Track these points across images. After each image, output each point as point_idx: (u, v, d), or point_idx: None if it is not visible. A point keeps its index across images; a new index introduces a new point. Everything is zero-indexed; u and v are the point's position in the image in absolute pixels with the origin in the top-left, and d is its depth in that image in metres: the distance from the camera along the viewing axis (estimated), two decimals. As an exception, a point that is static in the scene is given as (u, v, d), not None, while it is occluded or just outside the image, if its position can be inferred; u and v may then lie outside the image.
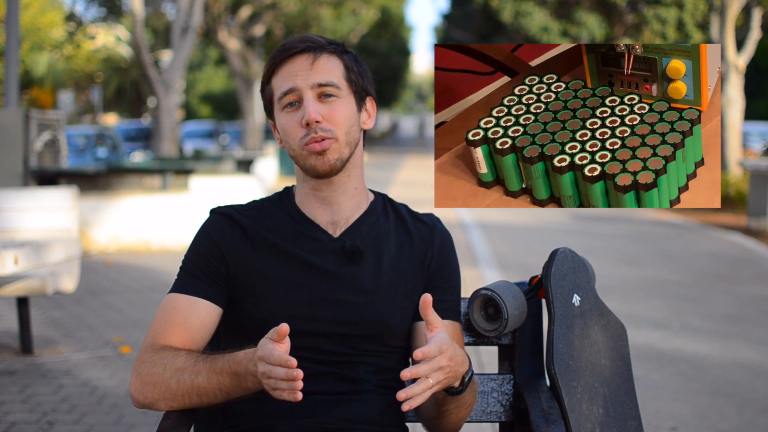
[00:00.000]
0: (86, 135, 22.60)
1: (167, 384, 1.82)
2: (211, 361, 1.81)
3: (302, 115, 1.90)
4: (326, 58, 1.94)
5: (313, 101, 1.91)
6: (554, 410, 1.95)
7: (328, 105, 1.92)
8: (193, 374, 1.80)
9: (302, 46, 1.93)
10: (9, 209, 5.60)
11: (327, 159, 1.91)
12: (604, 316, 2.05)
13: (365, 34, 37.76)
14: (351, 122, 1.95)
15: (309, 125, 1.90)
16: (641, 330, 6.36)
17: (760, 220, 12.69)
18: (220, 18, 26.03)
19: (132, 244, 10.18)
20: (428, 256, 2.01)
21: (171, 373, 1.81)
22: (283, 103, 1.93)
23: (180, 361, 1.82)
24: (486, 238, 11.48)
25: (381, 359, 1.97)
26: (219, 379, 1.78)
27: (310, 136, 1.90)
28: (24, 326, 5.44)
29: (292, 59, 1.93)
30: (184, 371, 1.81)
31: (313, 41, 1.95)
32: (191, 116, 50.28)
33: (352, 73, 1.96)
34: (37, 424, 4.23)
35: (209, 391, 1.80)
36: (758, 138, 27.41)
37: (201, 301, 1.93)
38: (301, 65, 1.92)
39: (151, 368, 1.84)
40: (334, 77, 1.93)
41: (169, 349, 1.86)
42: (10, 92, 10.17)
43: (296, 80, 1.91)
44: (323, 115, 1.90)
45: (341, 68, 1.95)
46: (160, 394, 1.83)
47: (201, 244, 1.99)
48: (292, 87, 1.91)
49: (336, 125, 1.92)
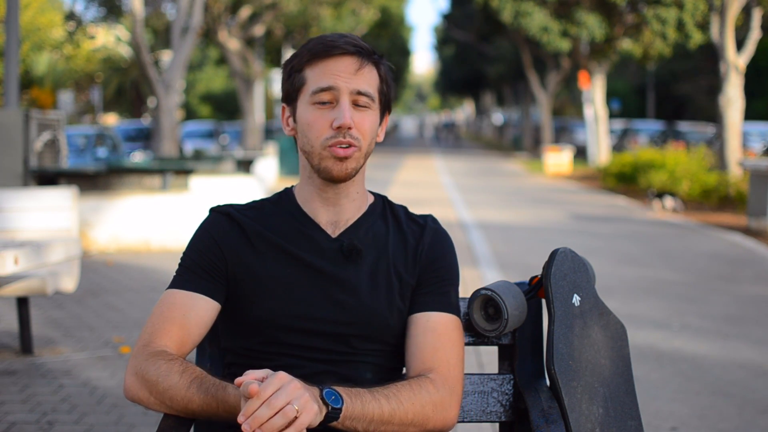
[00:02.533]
0: (86, 135, 22.61)
1: (161, 396, 1.81)
2: (204, 392, 1.77)
3: (335, 116, 1.89)
4: (370, 68, 1.94)
5: (350, 107, 1.90)
6: (554, 410, 1.95)
7: (361, 114, 1.92)
8: (186, 400, 1.79)
9: (351, 49, 1.92)
10: (9, 209, 5.60)
11: (346, 166, 1.91)
12: (604, 316, 2.05)
13: (365, 34, 37.71)
14: (374, 134, 1.96)
15: (340, 129, 1.89)
16: (641, 330, 6.36)
17: (760, 220, 12.69)
18: (220, 18, 26.02)
19: (132, 244, 10.18)
20: (419, 252, 2.01)
21: (164, 388, 1.80)
22: (316, 98, 1.91)
23: (173, 379, 1.80)
24: (486, 238, 11.48)
25: (380, 358, 1.97)
26: (214, 411, 1.77)
27: (338, 140, 1.90)
28: (24, 326, 5.44)
29: (337, 58, 1.92)
30: (176, 392, 1.79)
31: (360, 46, 1.93)
32: (191, 116, 50.28)
33: (384, 86, 1.97)
34: (37, 424, 4.23)
35: (202, 415, 1.80)
36: (758, 138, 27.41)
37: (199, 296, 1.93)
38: (346, 67, 1.91)
39: (146, 373, 1.83)
40: (372, 88, 1.93)
41: (163, 357, 1.84)
42: (10, 92, 10.17)
43: (338, 81, 1.90)
44: (355, 122, 1.91)
45: (378, 80, 1.96)
46: (154, 401, 1.83)
47: (200, 241, 1.99)
48: (332, 86, 1.90)
49: (363, 135, 1.92)
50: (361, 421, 1.76)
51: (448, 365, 1.93)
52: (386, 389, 1.83)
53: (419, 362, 1.93)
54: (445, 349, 1.94)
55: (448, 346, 1.94)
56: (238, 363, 1.96)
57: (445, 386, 1.89)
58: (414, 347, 1.95)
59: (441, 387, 1.89)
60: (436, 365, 1.91)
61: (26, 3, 36.64)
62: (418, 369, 1.93)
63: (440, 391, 1.88)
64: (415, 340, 1.95)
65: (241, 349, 1.97)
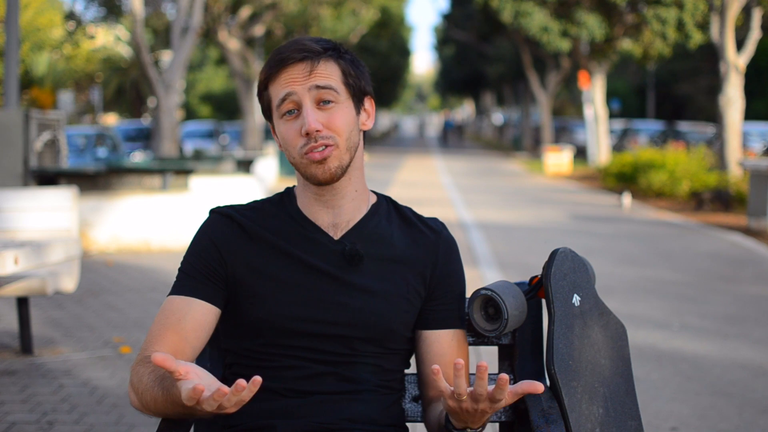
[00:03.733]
0: (86, 135, 22.60)
1: (146, 401, 1.82)
2: (165, 390, 1.76)
3: (302, 123, 1.89)
4: (324, 65, 1.91)
5: (312, 109, 1.89)
6: (554, 410, 1.95)
7: (328, 112, 1.90)
8: (153, 399, 1.79)
9: (299, 56, 1.90)
10: (9, 209, 5.60)
11: (328, 167, 1.90)
12: (604, 316, 2.05)
13: (365, 34, 37.73)
14: (351, 127, 1.93)
15: (309, 135, 1.88)
16: (641, 330, 6.36)
17: (760, 220, 12.69)
18: (220, 18, 26.01)
19: (132, 244, 10.18)
20: (432, 264, 2.01)
21: (142, 390, 1.81)
22: (282, 110, 1.91)
23: (145, 381, 1.81)
24: (486, 238, 11.48)
25: (381, 360, 1.97)
26: (178, 409, 1.75)
27: (310, 145, 1.89)
28: (24, 326, 5.44)
29: (289, 68, 1.91)
30: (149, 393, 1.80)
31: (309, 49, 1.91)
32: (191, 116, 50.28)
33: (349, 77, 1.94)
34: (37, 424, 4.23)
35: (169, 413, 1.79)
36: (758, 138, 27.42)
37: (196, 301, 1.92)
38: (299, 73, 1.90)
39: (132, 379, 1.85)
40: (333, 82, 1.91)
41: (144, 363, 1.84)
42: (10, 92, 10.17)
43: (294, 86, 1.89)
44: (323, 123, 1.89)
45: (339, 73, 1.93)
46: (143, 408, 1.84)
47: (199, 244, 1.98)
48: (290, 92, 1.89)
49: (336, 132, 1.90)
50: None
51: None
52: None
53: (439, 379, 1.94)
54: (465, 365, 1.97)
55: (466, 360, 2.00)
56: (239, 364, 1.96)
57: None
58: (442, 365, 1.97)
59: None
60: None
61: (26, 3, 36.64)
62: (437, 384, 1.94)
63: None
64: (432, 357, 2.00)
65: (241, 350, 1.96)
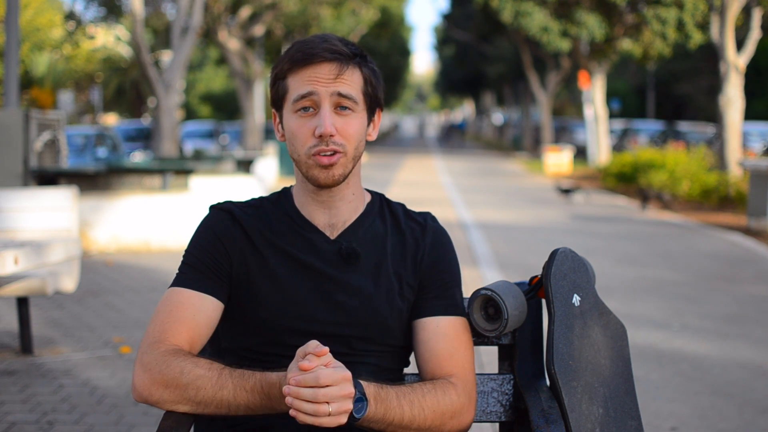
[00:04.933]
0: (86, 135, 22.58)
1: (183, 390, 1.78)
2: (239, 377, 1.78)
3: (316, 124, 1.88)
4: (350, 71, 1.91)
5: (330, 113, 1.88)
6: (554, 410, 1.95)
7: (344, 118, 1.90)
8: (217, 387, 1.77)
9: (329, 56, 1.89)
10: (9, 209, 5.60)
11: (332, 173, 1.90)
12: (604, 316, 2.05)
13: (365, 34, 37.70)
14: (361, 137, 1.93)
15: (322, 137, 1.88)
16: (641, 330, 6.36)
17: (760, 220, 12.69)
18: (220, 18, 26.00)
19: (132, 244, 10.18)
20: (420, 254, 2.00)
21: (189, 380, 1.78)
22: (298, 105, 1.90)
23: (201, 370, 1.79)
24: (486, 238, 11.48)
25: (379, 359, 1.97)
26: (248, 397, 1.76)
27: (320, 148, 1.88)
28: (24, 326, 5.44)
29: (316, 65, 1.89)
30: (206, 381, 1.78)
31: (339, 51, 1.90)
32: (191, 116, 50.27)
33: (369, 87, 1.94)
34: (37, 424, 4.23)
35: (233, 405, 1.78)
36: (758, 138, 27.41)
37: (207, 297, 1.91)
38: (325, 73, 1.88)
39: (164, 368, 1.80)
40: (354, 91, 1.91)
41: (184, 354, 1.82)
42: (10, 92, 10.17)
43: (317, 86, 1.88)
44: (337, 128, 1.88)
45: (361, 82, 1.93)
46: (171, 397, 1.80)
47: (203, 238, 1.97)
48: (312, 92, 1.88)
49: (347, 140, 1.90)
50: (380, 423, 1.79)
51: (465, 369, 1.94)
52: (413, 393, 1.84)
53: (436, 368, 1.93)
54: (460, 354, 1.95)
55: (462, 349, 1.96)
56: (238, 363, 1.96)
57: (464, 392, 1.91)
58: (428, 353, 1.95)
59: (462, 393, 1.91)
60: (455, 370, 1.92)
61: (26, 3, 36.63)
62: (435, 374, 1.93)
63: (461, 397, 1.90)
64: (427, 345, 1.95)
65: (241, 349, 1.96)
